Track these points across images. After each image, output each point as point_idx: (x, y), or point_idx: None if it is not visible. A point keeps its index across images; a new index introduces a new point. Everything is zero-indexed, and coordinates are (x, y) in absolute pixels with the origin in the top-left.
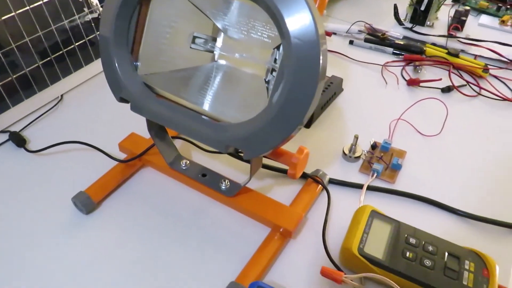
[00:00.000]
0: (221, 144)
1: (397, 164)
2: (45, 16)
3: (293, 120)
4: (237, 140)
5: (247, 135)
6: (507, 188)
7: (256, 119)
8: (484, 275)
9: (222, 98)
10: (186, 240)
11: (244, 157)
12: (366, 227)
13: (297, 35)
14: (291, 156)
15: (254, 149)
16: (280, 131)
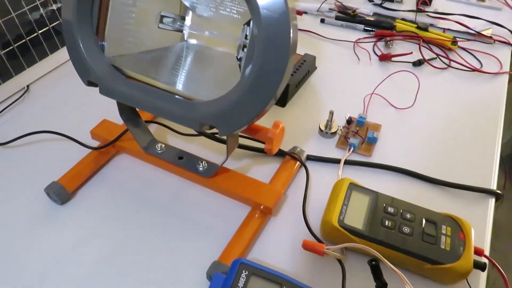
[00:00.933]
0: (195, 122)
1: (373, 138)
2: (5, 3)
3: (266, 94)
4: (211, 117)
5: (221, 111)
6: (478, 155)
7: (228, 95)
8: (460, 238)
9: (194, 77)
10: (166, 224)
11: (219, 134)
12: (345, 199)
13: (266, 6)
14: (267, 131)
15: (229, 125)
16: (253, 106)
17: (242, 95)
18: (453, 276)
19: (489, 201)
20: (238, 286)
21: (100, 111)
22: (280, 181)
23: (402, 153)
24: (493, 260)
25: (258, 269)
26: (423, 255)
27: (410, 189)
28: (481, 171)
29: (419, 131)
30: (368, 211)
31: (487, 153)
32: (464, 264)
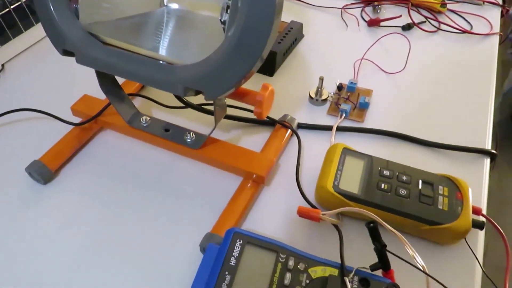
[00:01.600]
0: (179, 87)
1: (365, 103)
2: None
3: (252, 54)
4: (195, 81)
5: (205, 74)
6: (471, 117)
7: (213, 57)
8: (458, 198)
9: (177, 42)
10: (156, 199)
11: (205, 98)
12: (339, 164)
13: None
14: (255, 94)
15: (215, 88)
16: (239, 67)
17: (226, 56)
18: (452, 235)
19: (484, 161)
20: (233, 255)
21: (80, 87)
22: (272, 150)
23: (394, 117)
24: (491, 218)
25: (253, 238)
26: (420, 216)
27: (404, 153)
28: (475, 132)
29: (411, 95)
30: (363, 175)
31: (480, 114)
32: (463, 223)
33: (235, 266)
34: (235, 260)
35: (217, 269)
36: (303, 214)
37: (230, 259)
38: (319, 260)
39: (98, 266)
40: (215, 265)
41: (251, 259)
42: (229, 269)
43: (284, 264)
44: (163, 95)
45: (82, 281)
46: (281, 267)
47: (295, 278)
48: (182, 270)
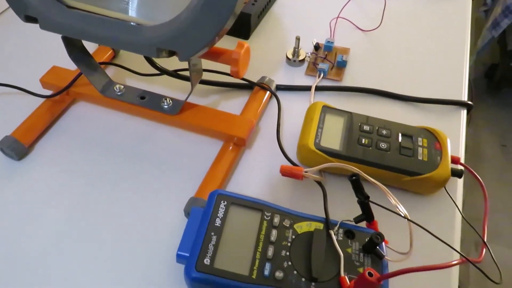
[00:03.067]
0: (152, 48)
1: (342, 61)
2: None
3: (223, 10)
4: (167, 41)
5: (177, 33)
6: (446, 70)
7: (184, 14)
8: (436, 148)
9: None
10: (136, 168)
11: (179, 59)
12: (319, 122)
13: None
14: (231, 53)
15: (188, 47)
16: (211, 24)
17: (197, 13)
18: (432, 184)
19: (461, 113)
20: (218, 216)
21: (49, 59)
22: (251, 112)
23: (372, 75)
24: (469, 167)
25: (237, 198)
26: (401, 168)
27: (383, 109)
28: (451, 86)
29: (388, 52)
30: (343, 131)
31: (456, 68)
32: (442, 172)
33: (220, 227)
34: (220, 221)
35: (203, 230)
36: (286, 172)
37: (215, 220)
38: (304, 215)
39: (81, 239)
40: (201, 227)
41: (236, 219)
42: (215, 230)
43: (270, 222)
44: (137, 63)
45: (66, 256)
46: (266, 224)
47: (281, 234)
48: (167, 236)
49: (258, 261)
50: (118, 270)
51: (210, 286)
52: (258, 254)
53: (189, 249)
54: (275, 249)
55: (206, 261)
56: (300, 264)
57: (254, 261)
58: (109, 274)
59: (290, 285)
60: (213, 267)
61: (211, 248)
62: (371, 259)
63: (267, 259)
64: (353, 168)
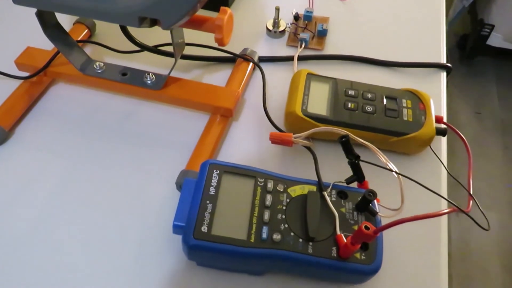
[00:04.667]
0: (133, 17)
1: (323, 30)
2: None
3: None
4: (149, 9)
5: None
6: (424, 35)
7: None
8: (421, 108)
9: None
10: (123, 147)
11: (162, 27)
12: (305, 89)
13: None
14: (214, 19)
15: (170, 15)
16: None
17: None
18: (418, 143)
19: (441, 75)
20: (212, 185)
21: (21, 40)
22: (235, 84)
23: (353, 42)
24: (452, 125)
25: (229, 166)
26: (388, 129)
27: (366, 75)
28: (430, 49)
29: (367, 19)
30: (329, 97)
31: (434, 32)
32: (427, 131)
33: (215, 195)
34: (214, 189)
35: (197, 199)
36: (276, 139)
37: (209, 189)
38: (296, 179)
39: (71, 221)
40: (195, 196)
41: (230, 186)
42: (209, 198)
43: (264, 187)
44: (115, 41)
45: (56, 236)
46: (261, 190)
47: (276, 199)
48: (161, 209)
49: (255, 225)
50: (113, 247)
51: (209, 253)
52: (255, 218)
53: (185, 219)
54: (271, 213)
55: (204, 228)
56: (297, 226)
57: (251, 225)
58: (104, 252)
59: (288, 246)
60: (210, 234)
61: (208, 216)
62: (365, 216)
63: (264, 222)
64: (341, 131)
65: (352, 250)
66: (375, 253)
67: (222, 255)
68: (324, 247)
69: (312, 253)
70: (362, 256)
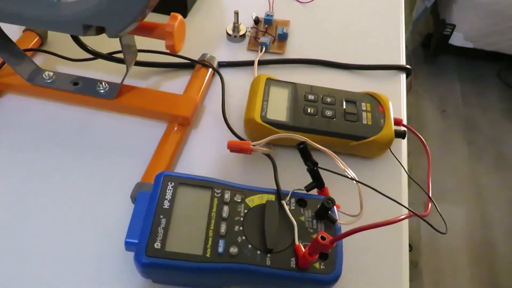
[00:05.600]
0: (77, 25)
1: (283, 34)
2: None
3: None
4: (94, 16)
5: (104, 6)
6: (383, 37)
7: None
8: (379, 111)
9: None
10: (77, 160)
11: (108, 35)
12: (264, 95)
13: None
14: (164, 26)
15: (116, 22)
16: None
17: None
18: (378, 147)
19: (400, 77)
20: (166, 198)
21: None
22: (194, 91)
23: (313, 45)
24: (411, 127)
25: (185, 178)
26: (348, 133)
27: (326, 78)
28: (389, 51)
29: (326, 22)
30: (289, 102)
31: (392, 35)
32: (386, 134)
33: (169, 209)
34: (168, 202)
35: (151, 214)
36: (234, 148)
37: (163, 203)
38: (255, 189)
39: (23, 235)
40: (148, 211)
41: (185, 199)
42: (163, 212)
43: (220, 198)
44: (68, 49)
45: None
46: (217, 201)
47: (233, 210)
48: (116, 224)
49: (211, 239)
50: (66, 265)
51: (163, 270)
52: (211, 232)
53: (138, 235)
54: (228, 225)
55: (157, 245)
56: (255, 238)
57: (207, 239)
58: (56, 269)
59: (246, 259)
60: (164, 250)
61: (161, 232)
62: (325, 224)
63: (221, 236)
64: (299, 137)
65: (310, 260)
66: (335, 262)
67: (178, 272)
68: (283, 258)
69: (270, 265)
70: (321, 266)
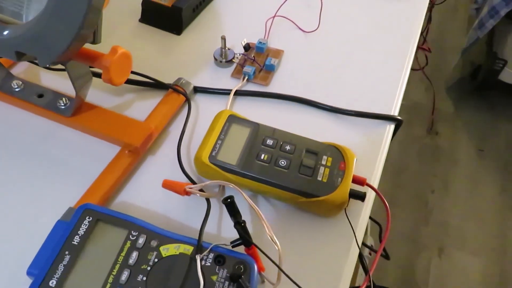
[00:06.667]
0: (10, 50)
1: (270, 65)
2: None
3: (76, 15)
4: (25, 44)
5: (34, 36)
6: (382, 80)
7: (38, 17)
8: (340, 168)
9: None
10: (27, 170)
11: (39, 63)
12: (221, 133)
13: None
14: (101, 59)
15: (46, 53)
16: (65, 29)
17: (49, 16)
18: (328, 208)
19: (387, 127)
20: (79, 234)
21: None
22: (158, 117)
23: (303, 81)
24: (375, 188)
25: (105, 214)
26: (297, 189)
27: (306, 119)
28: (385, 98)
29: (326, 57)
30: (245, 144)
31: (394, 79)
32: (339, 195)
33: (78, 246)
34: (79, 238)
35: (58, 247)
36: (168, 187)
37: (73, 238)
38: (175, 237)
39: None
40: (57, 243)
41: (99, 237)
42: (70, 248)
43: (134, 242)
44: None
45: None
46: (129, 245)
47: (142, 257)
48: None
49: (109, 285)
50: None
51: None
52: (111, 278)
53: (40, 266)
54: (131, 273)
55: (52, 283)
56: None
57: (105, 286)
58: None
59: None
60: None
61: (61, 269)
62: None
63: (120, 284)
64: (228, 184)
65: None
66: None
67: None
68: None
69: None
70: None
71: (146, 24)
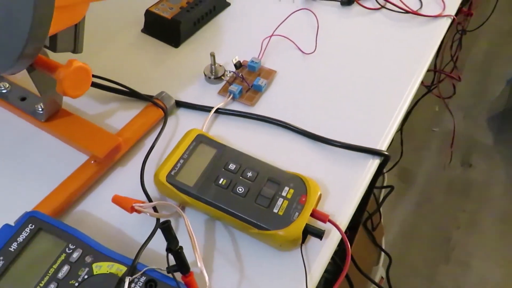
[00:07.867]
0: None
1: (258, 85)
2: None
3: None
4: None
5: None
6: (375, 111)
7: None
8: (300, 202)
9: None
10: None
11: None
12: (185, 152)
13: None
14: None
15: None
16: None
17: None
18: (280, 243)
19: (370, 161)
20: (17, 241)
21: None
22: (132, 129)
23: (292, 104)
24: (338, 225)
25: (49, 224)
26: (248, 219)
27: (287, 145)
28: (375, 130)
29: (321, 82)
30: (207, 166)
31: (387, 111)
32: (291, 231)
33: (14, 252)
34: (17, 246)
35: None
36: (116, 202)
37: (11, 244)
38: (111, 255)
39: None
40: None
41: (36, 247)
42: (5, 254)
43: (67, 256)
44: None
45: None
46: (63, 258)
47: (73, 272)
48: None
49: None
50: None
51: None
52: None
53: None
54: (58, 287)
55: None
56: None
57: None
58: None
59: None
60: None
61: None
62: None
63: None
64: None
65: None
66: None
67: None
68: None
69: None
70: None
71: (148, 34)
